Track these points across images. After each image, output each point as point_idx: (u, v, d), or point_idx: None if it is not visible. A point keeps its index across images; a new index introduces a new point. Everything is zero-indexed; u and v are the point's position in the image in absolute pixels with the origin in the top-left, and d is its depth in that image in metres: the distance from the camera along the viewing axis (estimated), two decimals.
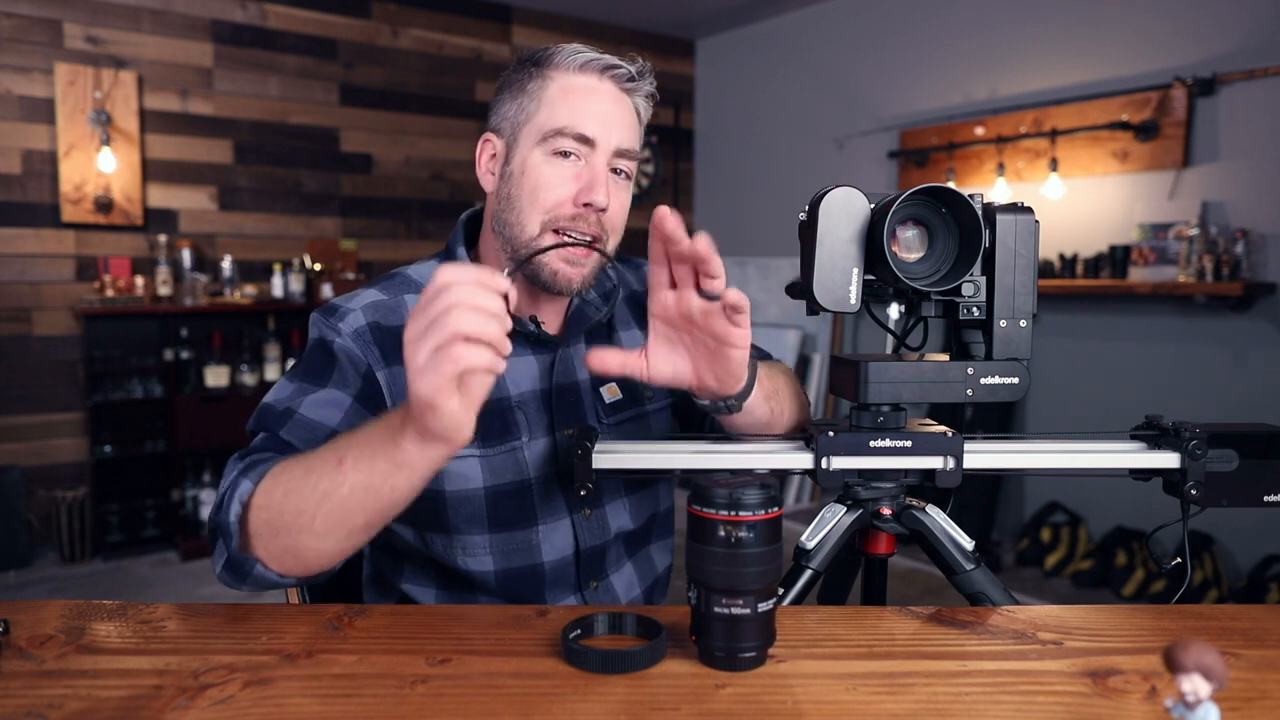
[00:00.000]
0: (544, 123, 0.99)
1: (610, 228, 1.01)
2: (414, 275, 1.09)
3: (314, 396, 0.96)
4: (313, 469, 0.80)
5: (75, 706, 0.64)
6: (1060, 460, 0.92)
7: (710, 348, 0.84)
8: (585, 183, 0.98)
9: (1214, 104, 3.29)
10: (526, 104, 1.01)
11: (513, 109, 1.02)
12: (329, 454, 0.79)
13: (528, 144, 1.00)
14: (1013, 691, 0.68)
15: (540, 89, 1.01)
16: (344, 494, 0.77)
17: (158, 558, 3.83)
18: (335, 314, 1.01)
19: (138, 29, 3.89)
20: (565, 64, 1.00)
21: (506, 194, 1.02)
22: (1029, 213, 0.87)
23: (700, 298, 0.82)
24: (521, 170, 1.00)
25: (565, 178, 0.99)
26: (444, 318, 0.68)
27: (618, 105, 1.01)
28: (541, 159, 0.99)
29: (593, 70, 1.01)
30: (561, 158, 0.99)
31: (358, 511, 0.78)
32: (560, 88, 1.00)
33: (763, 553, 0.69)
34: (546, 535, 1.05)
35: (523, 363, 1.06)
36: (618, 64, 1.01)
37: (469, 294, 0.69)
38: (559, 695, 0.66)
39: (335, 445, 0.81)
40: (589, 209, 0.98)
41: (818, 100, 4.82)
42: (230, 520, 0.82)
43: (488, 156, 1.06)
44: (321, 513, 0.78)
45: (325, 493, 0.77)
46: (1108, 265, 3.53)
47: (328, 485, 0.77)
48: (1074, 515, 3.75)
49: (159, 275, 3.89)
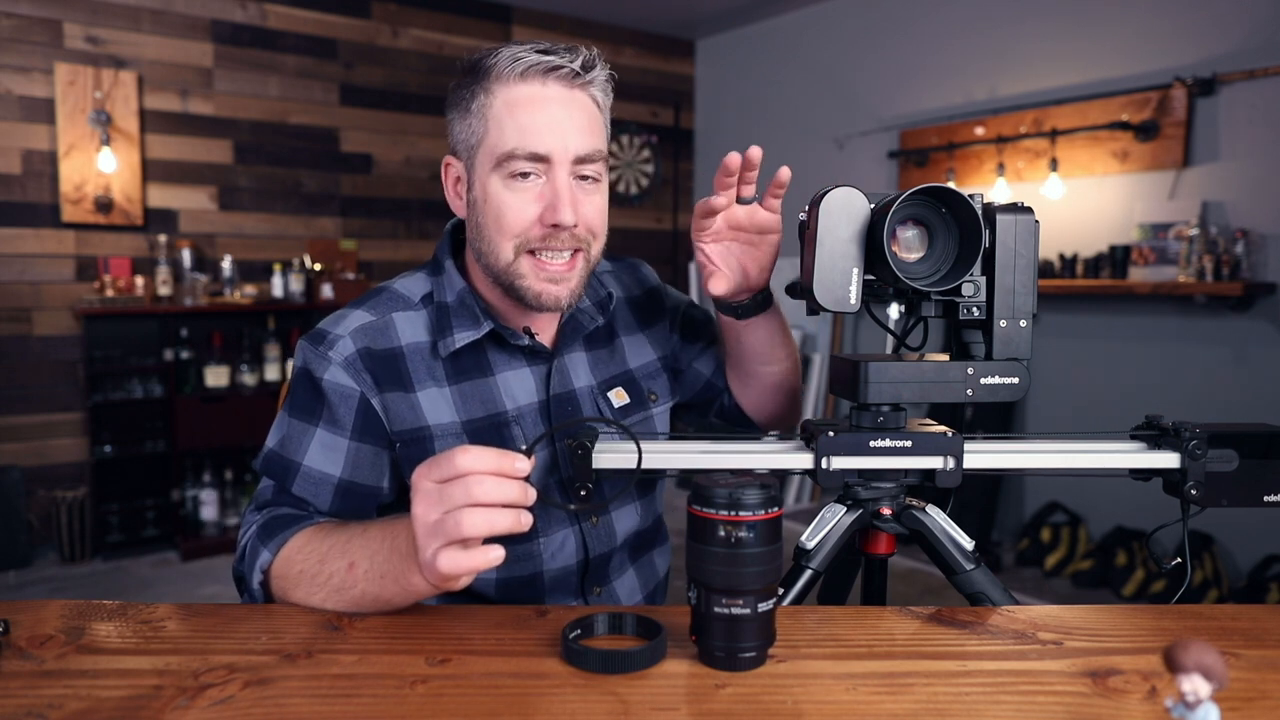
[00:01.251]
0: (494, 145, 0.95)
1: (589, 236, 0.99)
2: (402, 291, 1.05)
3: (313, 444, 0.98)
4: (326, 560, 0.84)
5: (75, 706, 0.64)
6: (1060, 460, 0.92)
7: (754, 243, 1.02)
8: (548, 202, 0.94)
9: (1214, 104, 3.29)
10: (474, 124, 0.96)
11: (463, 130, 0.98)
12: (341, 552, 0.84)
13: (484, 169, 0.96)
14: (1013, 691, 0.68)
15: (484, 107, 0.95)
16: (355, 594, 0.82)
17: (158, 558, 3.83)
18: (323, 342, 0.99)
19: (138, 29, 3.89)
20: (505, 74, 0.94)
21: (475, 222, 0.99)
22: (1029, 213, 0.87)
23: (740, 204, 1.01)
24: (484, 198, 0.97)
25: (527, 200, 0.95)
26: (463, 516, 0.70)
27: (568, 108, 0.95)
28: (500, 185, 0.95)
29: (534, 75, 0.94)
30: (520, 179, 0.95)
31: (369, 608, 0.83)
32: (504, 103, 0.94)
33: (763, 553, 0.69)
34: (547, 545, 1.04)
35: (518, 376, 1.05)
36: (559, 63, 0.94)
37: (487, 491, 0.70)
38: (559, 695, 0.66)
39: (348, 544, 0.84)
40: (557, 228, 0.95)
41: (818, 100, 4.82)
42: (254, 588, 0.90)
43: (452, 180, 1.03)
44: (332, 601, 0.84)
45: (337, 589, 0.83)
46: (1108, 265, 3.53)
47: (339, 583, 0.83)
48: (1074, 515, 3.75)
49: (159, 275, 3.89)
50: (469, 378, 1.02)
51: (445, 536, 0.71)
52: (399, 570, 0.78)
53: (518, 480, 0.72)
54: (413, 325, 1.02)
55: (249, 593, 0.91)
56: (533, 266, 0.97)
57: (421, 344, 1.01)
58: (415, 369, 1.00)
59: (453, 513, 0.70)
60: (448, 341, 1.01)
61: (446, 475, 0.71)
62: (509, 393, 1.04)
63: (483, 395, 1.02)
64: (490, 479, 0.70)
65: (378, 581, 0.80)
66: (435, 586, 0.76)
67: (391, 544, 0.80)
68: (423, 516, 0.72)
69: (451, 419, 1.00)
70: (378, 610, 0.83)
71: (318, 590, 0.84)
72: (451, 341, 1.01)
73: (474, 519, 0.70)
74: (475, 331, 1.01)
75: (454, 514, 0.70)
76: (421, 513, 0.72)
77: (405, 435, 0.99)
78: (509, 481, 0.71)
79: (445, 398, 1.00)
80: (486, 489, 0.70)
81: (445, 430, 1.00)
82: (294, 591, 0.86)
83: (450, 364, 1.02)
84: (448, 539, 0.71)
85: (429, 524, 0.71)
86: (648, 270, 1.23)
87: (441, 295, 1.04)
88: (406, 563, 0.77)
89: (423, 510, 0.72)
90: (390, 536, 0.81)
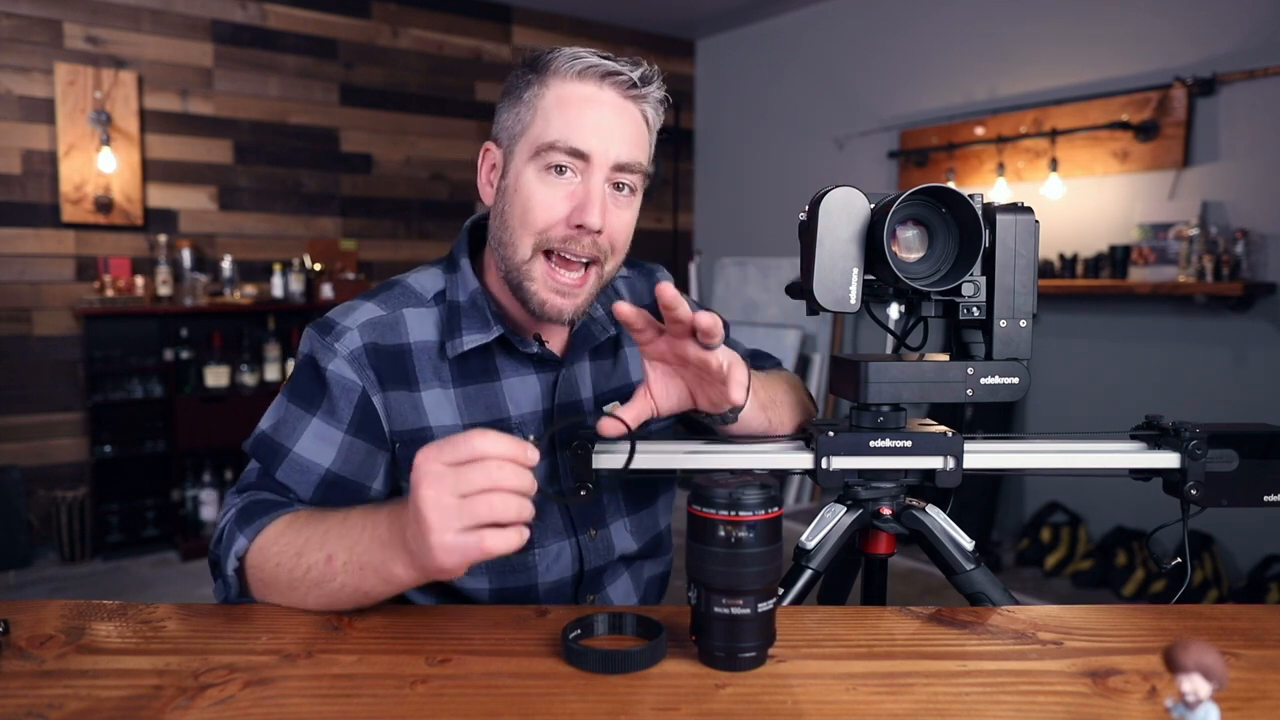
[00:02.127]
0: (537, 135, 0.94)
1: (609, 248, 0.97)
2: (415, 285, 1.04)
3: (307, 431, 0.96)
4: (304, 553, 0.83)
5: (75, 706, 0.64)
6: (1060, 460, 0.92)
7: (700, 374, 0.88)
8: (578, 202, 0.93)
9: (1214, 104, 3.29)
10: (523, 114, 0.96)
11: (510, 118, 0.98)
12: (318, 545, 0.82)
13: (522, 158, 0.95)
14: (1013, 691, 0.68)
15: (536, 98, 0.95)
16: (334, 588, 0.81)
17: (158, 558, 3.83)
18: (331, 332, 0.98)
19: (138, 29, 3.89)
20: (563, 70, 0.94)
21: (501, 210, 0.98)
22: (1029, 213, 0.87)
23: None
24: (515, 186, 0.96)
25: (558, 196, 0.94)
26: (477, 501, 0.69)
27: (619, 115, 0.95)
28: (534, 175, 0.94)
29: (591, 77, 0.94)
30: (555, 173, 0.94)
31: (346, 602, 0.82)
32: (556, 97, 0.94)
33: (763, 553, 0.69)
34: (543, 557, 1.03)
35: (524, 382, 1.03)
36: (619, 70, 0.94)
37: (504, 476, 0.69)
38: (559, 695, 0.66)
39: (325, 536, 0.83)
40: (582, 230, 0.93)
41: (818, 100, 4.82)
42: (228, 574, 0.87)
43: (488, 167, 1.02)
44: (312, 596, 0.83)
45: (315, 582, 0.82)
46: (1108, 265, 3.53)
47: (318, 576, 0.81)
48: (1074, 515, 3.75)
49: (159, 275, 3.89)
50: (475, 381, 1.01)
51: (474, 519, 0.69)
52: (379, 560, 0.77)
53: (529, 473, 0.71)
54: (422, 322, 1.01)
55: (222, 578, 0.88)
56: (545, 271, 0.96)
57: (429, 343, 1.01)
58: (421, 368, 0.99)
59: (478, 496, 0.69)
60: (456, 343, 1.00)
61: (462, 458, 0.69)
62: (513, 399, 1.03)
63: (487, 400, 1.01)
64: (510, 465, 0.70)
65: (357, 573, 0.79)
66: (423, 575, 0.74)
67: (371, 533, 0.78)
68: (435, 498, 0.69)
69: (454, 421, 1.00)
70: (357, 604, 0.81)
71: (297, 586, 0.82)
72: (460, 343, 1.00)
73: (507, 503, 0.69)
74: (484, 335, 1.00)
75: (483, 497, 0.69)
76: (433, 495, 0.69)
77: (405, 435, 0.98)
78: (524, 470, 0.71)
79: (449, 400, 1.00)
80: (507, 474, 0.69)
81: (447, 432, 0.99)
82: (271, 588, 0.85)
83: (457, 366, 1.01)
84: (476, 521, 0.69)
85: (446, 506, 0.69)
86: (664, 275, 1.20)
87: (454, 294, 1.03)
88: (387, 552, 0.76)
89: (434, 492, 0.69)
90: (370, 526, 0.79)
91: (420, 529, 0.70)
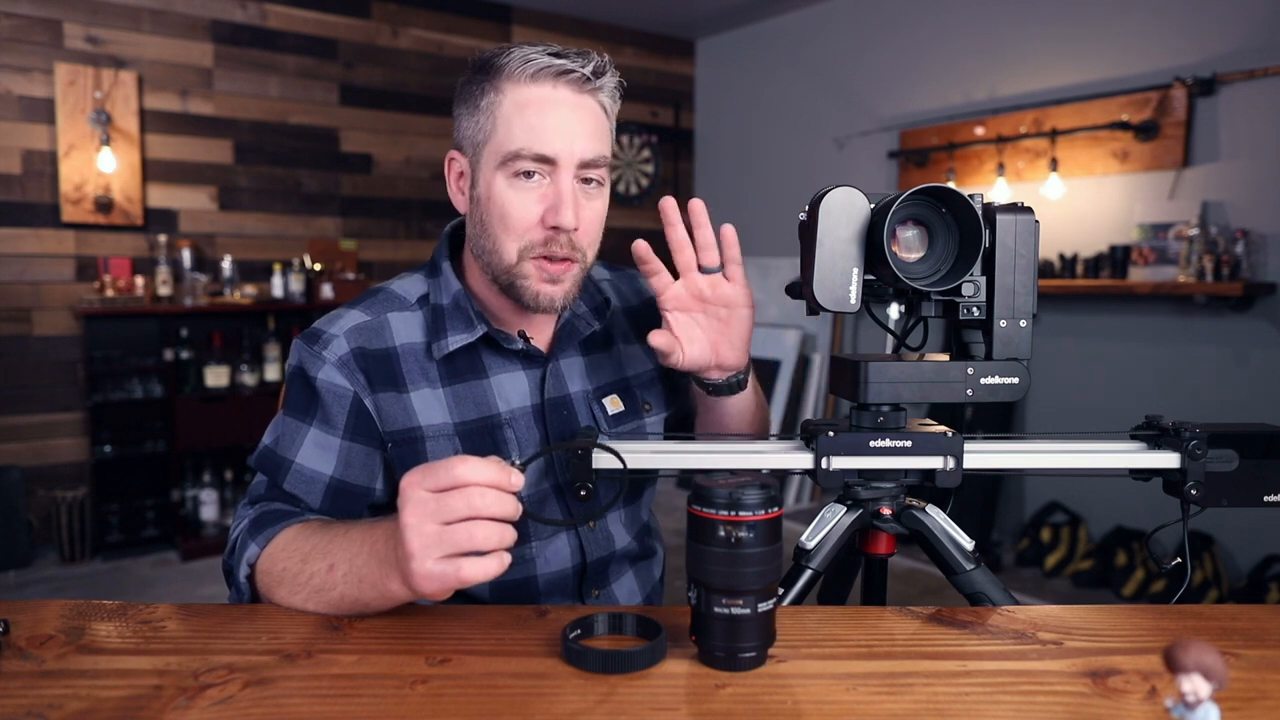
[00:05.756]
0: (500, 144, 0.95)
1: (585, 243, 0.99)
2: (398, 291, 1.06)
3: (305, 442, 0.98)
4: (308, 560, 0.84)
5: (75, 706, 0.64)
6: (1060, 460, 0.92)
7: (723, 318, 0.96)
8: (550, 203, 0.95)
9: (1214, 104, 3.29)
10: (483, 122, 0.97)
11: (470, 126, 0.99)
12: (322, 553, 0.84)
13: (489, 166, 0.97)
14: (1013, 691, 0.68)
15: (494, 105, 0.96)
16: (334, 597, 0.82)
17: (158, 558, 3.83)
18: (318, 341, 1.00)
19: (138, 29, 3.89)
20: (516, 74, 0.95)
21: (479, 219, 0.99)
22: (1029, 213, 0.87)
23: (703, 274, 0.95)
24: (488, 195, 0.97)
25: (530, 200, 0.95)
26: (457, 530, 0.69)
27: (577, 112, 0.96)
28: (505, 184, 0.96)
29: (545, 78, 0.94)
30: (524, 178, 0.95)
31: (347, 610, 0.83)
32: (514, 103, 0.95)
33: (763, 553, 0.69)
34: (541, 549, 1.04)
35: (512, 379, 1.05)
36: (570, 67, 0.95)
37: (485, 504, 0.70)
38: (559, 695, 0.66)
39: (330, 545, 0.84)
40: (558, 231, 0.95)
41: (818, 100, 4.82)
42: (240, 581, 0.90)
43: (455, 175, 1.03)
44: (313, 602, 0.84)
45: (317, 589, 0.83)
46: (1108, 265, 3.53)
47: (319, 583, 0.82)
48: (1074, 515, 3.75)
49: (159, 275, 3.89)
50: (463, 379, 1.02)
51: (454, 547, 0.70)
52: (376, 575, 0.78)
53: (512, 498, 0.72)
54: (407, 326, 1.03)
55: (236, 586, 0.91)
56: (536, 267, 0.97)
57: (416, 345, 1.02)
58: (409, 369, 1.00)
59: (458, 524, 0.70)
60: (442, 344, 1.01)
61: (444, 485, 0.70)
62: (502, 395, 1.04)
63: (476, 397, 1.02)
64: (492, 492, 0.70)
65: (356, 585, 0.80)
66: (417, 595, 0.75)
67: (370, 549, 0.79)
68: (417, 525, 0.70)
69: (444, 420, 1.00)
70: (357, 613, 0.82)
71: (299, 590, 0.84)
72: (445, 344, 1.01)
73: (487, 532, 0.70)
74: (469, 334, 1.02)
75: (463, 526, 0.70)
76: (415, 521, 0.70)
77: (397, 436, 0.99)
78: (507, 495, 0.71)
79: (438, 399, 1.01)
80: (489, 501, 0.70)
81: (438, 431, 1.00)
82: (277, 590, 0.86)
83: (444, 366, 1.02)
84: (456, 549, 0.70)
85: (427, 534, 0.70)
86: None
87: (437, 297, 1.04)
88: (384, 568, 0.77)
89: (416, 519, 0.70)
90: (369, 541, 0.80)
91: (403, 554, 0.72)
